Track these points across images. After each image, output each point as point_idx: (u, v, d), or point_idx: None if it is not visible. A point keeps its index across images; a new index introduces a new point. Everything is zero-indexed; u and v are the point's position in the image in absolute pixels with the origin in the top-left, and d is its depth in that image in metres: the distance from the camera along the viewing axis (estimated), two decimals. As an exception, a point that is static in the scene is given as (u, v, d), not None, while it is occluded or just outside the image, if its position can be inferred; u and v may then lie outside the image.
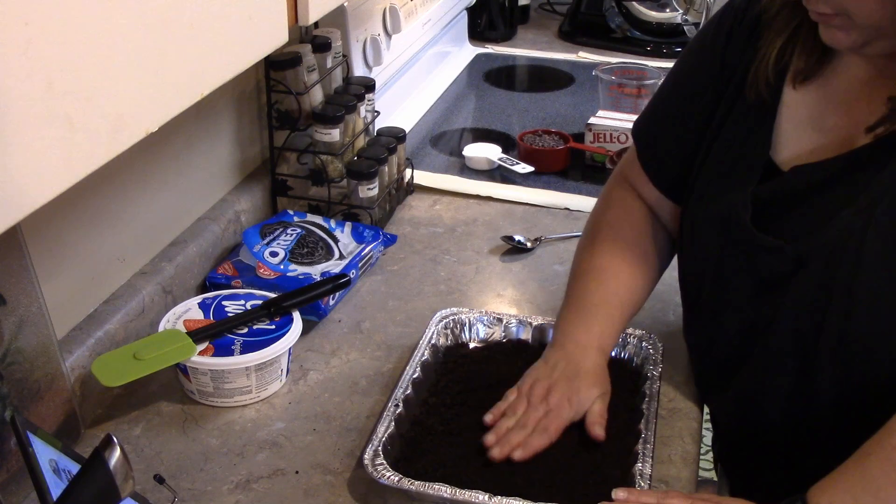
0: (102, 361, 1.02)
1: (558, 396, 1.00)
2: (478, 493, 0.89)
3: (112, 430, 1.03)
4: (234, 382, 1.05)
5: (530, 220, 1.48)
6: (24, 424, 0.75)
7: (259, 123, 1.44)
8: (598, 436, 0.98)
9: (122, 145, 0.67)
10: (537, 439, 0.97)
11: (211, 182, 1.33)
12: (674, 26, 2.18)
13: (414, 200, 1.54)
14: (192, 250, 1.23)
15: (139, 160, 1.14)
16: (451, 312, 1.17)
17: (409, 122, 1.78)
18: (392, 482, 0.90)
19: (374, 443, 0.95)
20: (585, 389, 1.00)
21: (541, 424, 0.98)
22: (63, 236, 1.02)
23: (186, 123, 1.23)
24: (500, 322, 1.16)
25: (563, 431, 0.99)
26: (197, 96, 0.76)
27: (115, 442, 0.67)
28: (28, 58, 0.56)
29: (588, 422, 0.99)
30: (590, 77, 1.92)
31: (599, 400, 1.01)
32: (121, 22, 0.65)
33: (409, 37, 1.79)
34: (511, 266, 1.36)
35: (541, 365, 1.04)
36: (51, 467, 0.76)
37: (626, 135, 1.60)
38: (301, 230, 1.31)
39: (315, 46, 1.40)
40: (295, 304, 1.13)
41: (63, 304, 1.03)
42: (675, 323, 1.19)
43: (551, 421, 0.98)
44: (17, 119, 0.56)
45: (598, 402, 1.00)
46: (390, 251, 1.38)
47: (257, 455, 0.99)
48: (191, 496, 0.94)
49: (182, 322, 1.09)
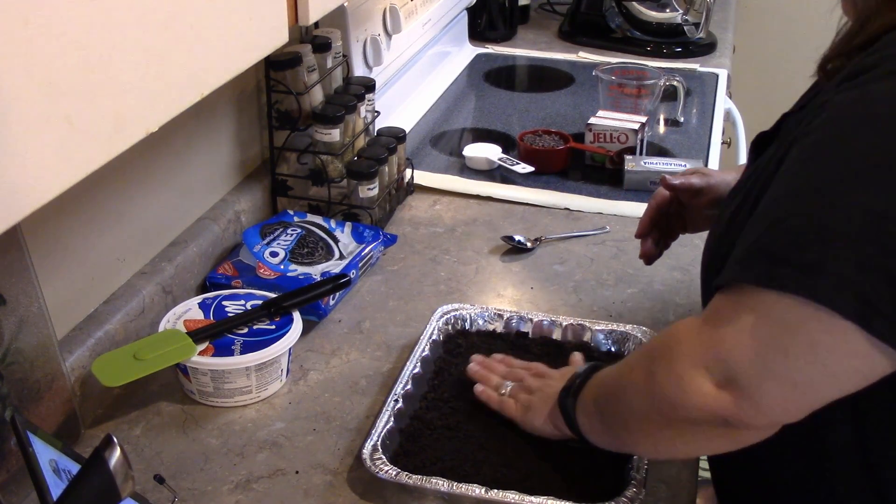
0: (102, 361, 1.02)
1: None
2: (474, 487, 0.89)
3: (112, 430, 1.03)
4: (234, 382, 1.05)
5: (530, 220, 1.48)
6: (24, 424, 0.75)
7: (259, 123, 1.44)
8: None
9: (123, 145, 0.67)
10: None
11: (211, 182, 1.33)
12: (674, 26, 2.18)
13: (414, 200, 1.54)
14: (192, 250, 1.23)
15: (139, 160, 1.14)
16: (453, 308, 1.17)
17: (409, 122, 1.78)
18: (390, 476, 0.91)
19: (373, 438, 0.95)
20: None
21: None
22: (63, 236, 1.02)
23: (186, 123, 1.23)
24: (500, 318, 1.17)
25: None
26: (197, 96, 0.76)
27: (115, 442, 0.67)
28: (28, 58, 0.56)
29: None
30: (590, 77, 1.92)
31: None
32: (121, 22, 0.65)
33: (409, 37, 1.79)
34: (511, 266, 1.36)
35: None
36: (51, 467, 0.76)
37: (626, 135, 1.60)
38: (301, 230, 1.31)
39: (315, 46, 1.40)
40: (295, 304, 1.13)
41: (63, 304, 1.03)
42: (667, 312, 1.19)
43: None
44: (17, 119, 0.56)
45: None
46: (390, 251, 1.38)
47: (257, 455, 0.99)
48: (191, 496, 0.94)
49: (182, 322, 1.09)
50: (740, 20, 2.56)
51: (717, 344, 0.72)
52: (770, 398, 0.71)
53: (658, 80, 1.77)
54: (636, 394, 0.81)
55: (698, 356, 0.74)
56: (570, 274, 1.33)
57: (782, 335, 0.69)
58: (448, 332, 1.16)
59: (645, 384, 0.79)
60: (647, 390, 0.79)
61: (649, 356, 0.81)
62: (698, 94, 1.97)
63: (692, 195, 1.14)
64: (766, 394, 0.71)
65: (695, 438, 0.78)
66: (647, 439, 0.84)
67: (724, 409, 0.72)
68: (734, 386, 0.72)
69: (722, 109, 1.90)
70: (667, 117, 1.85)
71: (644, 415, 0.81)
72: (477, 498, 0.89)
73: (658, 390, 0.77)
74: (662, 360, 0.78)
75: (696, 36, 2.17)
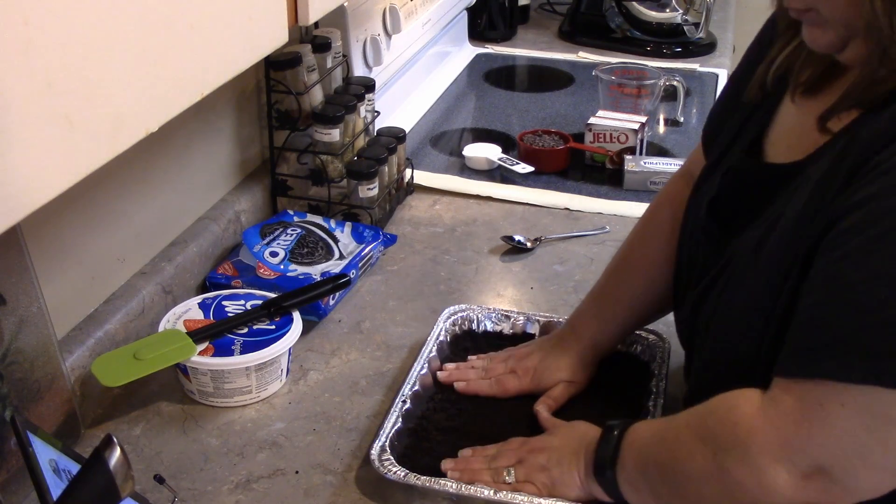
0: (102, 361, 1.02)
1: (527, 365, 1.06)
2: (482, 488, 0.89)
3: (112, 430, 1.03)
4: (234, 382, 1.05)
5: (530, 220, 1.48)
6: (24, 424, 0.75)
7: (259, 123, 1.44)
8: (536, 411, 1.01)
9: (122, 145, 0.67)
10: (484, 384, 1.06)
11: (211, 182, 1.33)
12: (674, 26, 2.18)
13: (414, 200, 1.54)
14: (192, 250, 1.23)
15: (139, 160, 1.14)
16: (460, 309, 1.17)
17: (409, 122, 1.78)
18: (398, 477, 0.91)
19: (381, 438, 0.95)
20: (553, 371, 1.05)
21: (497, 377, 1.06)
22: (63, 236, 1.02)
23: (186, 123, 1.23)
24: (507, 319, 1.17)
25: (512, 393, 1.05)
26: (197, 96, 0.76)
27: (115, 442, 0.67)
28: (28, 58, 0.56)
29: (539, 399, 1.03)
30: (590, 77, 1.92)
31: (563, 385, 1.05)
32: (121, 22, 0.65)
33: (409, 37, 1.79)
34: (511, 266, 1.36)
35: (541, 338, 1.12)
36: (51, 467, 0.76)
37: (627, 135, 1.60)
38: (301, 230, 1.31)
39: (315, 46, 1.40)
40: (295, 304, 1.13)
41: (63, 304, 1.03)
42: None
43: (508, 380, 1.06)
44: (17, 119, 0.56)
45: (561, 387, 1.05)
46: (390, 251, 1.38)
47: (257, 455, 0.99)
48: (191, 496, 0.94)
49: (182, 322, 1.09)
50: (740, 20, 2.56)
51: (803, 438, 0.70)
52: (865, 484, 0.70)
53: (658, 80, 1.77)
54: (705, 483, 0.77)
55: (779, 450, 0.71)
56: (570, 274, 1.33)
57: (881, 427, 0.67)
58: (455, 333, 1.16)
59: (716, 476, 0.76)
60: (720, 483, 0.75)
61: (713, 443, 0.76)
62: (698, 94, 1.97)
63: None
64: (862, 481, 0.70)
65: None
66: None
67: (813, 498, 0.71)
68: (824, 477, 0.70)
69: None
70: (667, 117, 1.85)
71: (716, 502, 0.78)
72: (486, 499, 0.89)
73: (735, 485, 0.74)
74: (734, 452, 0.74)
75: (696, 36, 2.17)
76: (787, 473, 0.71)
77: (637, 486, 0.85)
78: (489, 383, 1.06)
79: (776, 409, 0.72)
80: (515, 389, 1.05)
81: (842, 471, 0.69)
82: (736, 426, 0.75)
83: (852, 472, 0.69)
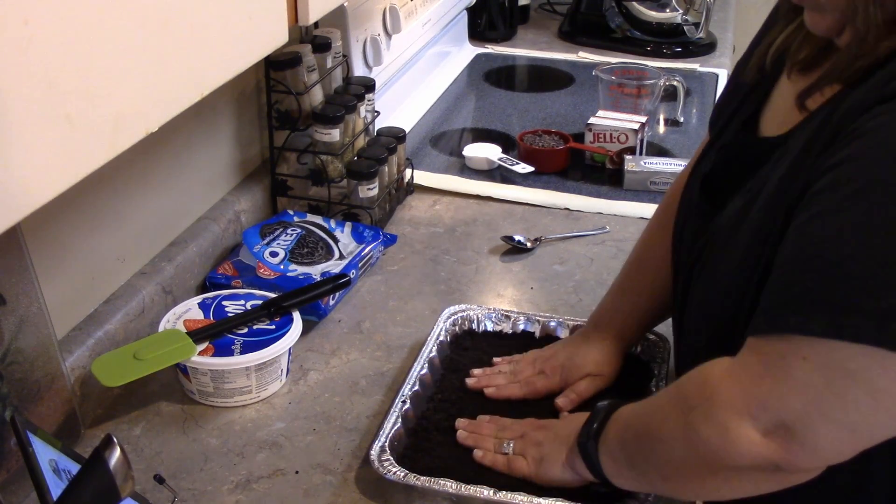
0: (102, 361, 1.02)
1: (554, 364, 1.07)
2: (483, 489, 0.89)
3: (112, 430, 1.02)
4: (234, 382, 1.05)
5: (530, 220, 1.48)
6: (24, 424, 0.75)
7: (259, 123, 1.44)
8: (557, 405, 1.03)
9: (122, 145, 0.67)
10: (514, 388, 1.05)
11: (211, 182, 1.33)
12: (674, 26, 2.18)
13: (414, 200, 1.54)
14: (192, 250, 1.23)
15: (139, 160, 1.14)
16: (460, 309, 1.17)
17: (409, 122, 1.78)
18: (398, 478, 0.91)
19: (381, 439, 0.95)
20: (580, 366, 1.06)
21: (527, 379, 1.06)
22: (63, 236, 1.02)
23: (186, 123, 1.23)
24: (508, 319, 1.17)
25: (542, 394, 1.05)
26: (197, 96, 0.76)
27: (115, 442, 0.67)
28: (28, 58, 0.56)
29: (562, 393, 1.04)
30: (590, 77, 1.92)
31: (588, 380, 1.05)
32: (121, 22, 0.65)
33: (409, 37, 1.79)
34: (511, 266, 1.36)
35: (566, 337, 1.13)
36: (51, 467, 0.76)
37: (627, 135, 1.60)
38: (301, 230, 1.31)
39: (315, 46, 1.40)
40: (295, 304, 1.13)
41: (63, 304, 1.03)
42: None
43: (537, 380, 1.06)
44: (17, 119, 0.56)
45: (586, 381, 1.05)
46: (390, 251, 1.38)
47: (257, 455, 0.99)
48: (191, 496, 0.94)
49: (182, 322, 1.09)
50: (740, 20, 2.56)
51: (764, 392, 0.70)
52: (825, 442, 0.70)
53: (658, 80, 1.77)
54: (674, 444, 0.78)
55: (742, 405, 0.72)
56: (570, 274, 1.33)
57: (841, 382, 0.67)
58: (455, 332, 1.16)
59: (683, 434, 0.77)
60: (686, 440, 0.76)
61: (685, 404, 0.77)
62: (698, 94, 1.97)
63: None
64: (822, 438, 0.69)
65: (741, 484, 0.76)
66: (688, 486, 0.81)
67: (775, 455, 0.71)
68: (785, 432, 0.70)
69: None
70: (667, 117, 1.85)
71: (684, 464, 0.79)
72: (485, 500, 0.89)
73: (700, 441, 0.75)
74: (700, 409, 0.75)
75: (696, 36, 2.18)
76: (751, 429, 0.71)
77: (615, 456, 0.86)
78: (519, 386, 1.06)
79: (742, 367, 0.73)
80: (546, 389, 1.05)
81: (802, 426, 0.69)
82: (704, 385, 0.76)
83: (812, 427, 0.69)
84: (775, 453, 0.71)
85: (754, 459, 0.72)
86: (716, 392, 0.74)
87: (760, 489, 0.76)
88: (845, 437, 0.69)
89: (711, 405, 0.74)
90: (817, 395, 0.68)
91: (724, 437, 0.73)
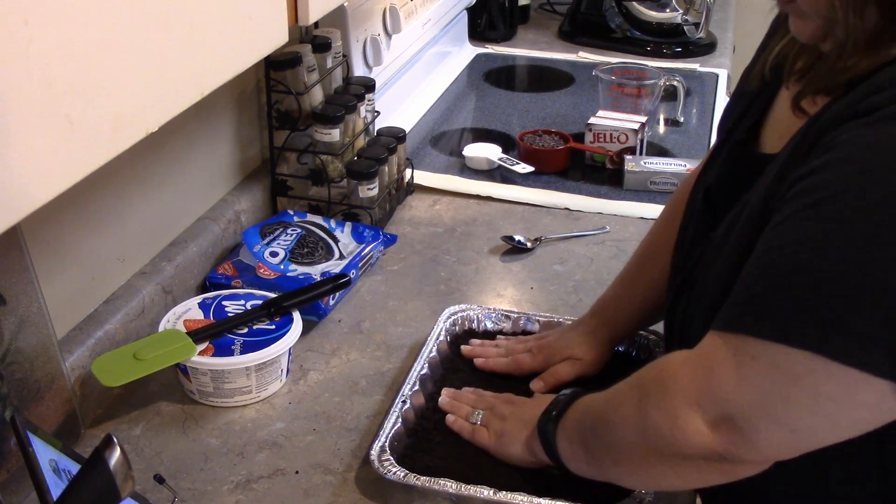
0: (102, 361, 1.02)
1: (541, 344, 1.10)
2: (483, 489, 0.89)
3: (112, 430, 1.03)
4: (234, 382, 1.05)
5: (530, 220, 1.48)
6: (24, 424, 0.75)
7: (259, 123, 1.44)
8: (531, 387, 1.06)
9: (122, 145, 0.67)
10: (501, 362, 1.10)
11: (211, 182, 1.33)
12: (674, 26, 2.18)
13: (414, 200, 1.54)
14: (192, 250, 1.23)
15: (139, 160, 1.14)
16: (460, 309, 1.17)
17: (409, 122, 1.78)
18: (398, 478, 0.91)
19: (381, 439, 0.95)
20: (562, 348, 1.08)
21: (515, 357, 1.10)
22: (63, 236, 1.02)
23: (186, 123, 1.23)
24: (507, 319, 1.17)
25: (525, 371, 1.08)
26: (197, 96, 0.76)
27: (115, 442, 0.67)
28: (28, 58, 0.56)
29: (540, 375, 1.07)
30: (590, 77, 1.92)
31: (568, 363, 1.08)
32: (121, 22, 0.65)
33: (409, 37, 1.79)
34: (511, 266, 1.36)
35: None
36: (51, 467, 0.76)
37: (627, 135, 1.60)
38: (301, 230, 1.31)
39: (315, 46, 1.40)
40: (295, 304, 1.13)
41: (63, 304, 1.03)
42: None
43: (523, 358, 1.09)
44: (17, 119, 0.56)
45: (565, 365, 1.08)
46: (390, 251, 1.38)
47: (257, 455, 0.99)
48: (191, 496, 0.94)
49: (182, 322, 1.09)
50: (740, 20, 2.56)
51: (714, 385, 0.72)
52: (767, 439, 0.71)
53: (658, 80, 1.77)
54: (626, 428, 0.80)
55: (692, 394, 0.74)
56: (570, 274, 1.33)
57: (785, 383, 0.69)
58: (455, 333, 1.16)
59: (635, 419, 0.79)
60: (637, 425, 0.78)
61: (640, 390, 0.80)
62: (698, 94, 1.97)
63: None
64: (763, 434, 0.71)
65: (687, 472, 0.78)
66: (636, 472, 0.83)
67: (720, 446, 0.73)
68: (730, 425, 0.72)
69: (722, 109, 1.90)
70: (667, 117, 1.85)
71: (634, 449, 0.80)
72: (485, 500, 0.89)
73: (650, 426, 0.77)
74: (654, 396, 0.77)
75: (696, 36, 2.18)
76: (698, 419, 0.73)
77: (571, 440, 0.88)
78: (506, 361, 1.10)
79: (697, 359, 0.75)
80: (529, 368, 1.08)
81: (746, 422, 0.71)
82: (660, 373, 0.78)
83: (755, 424, 0.71)
84: (720, 445, 0.73)
85: (700, 448, 0.74)
86: (670, 380, 0.76)
87: (707, 479, 0.78)
88: (787, 436, 0.71)
89: (664, 392, 0.76)
90: (763, 394, 0.70)
91: (673, 424, 0.75)
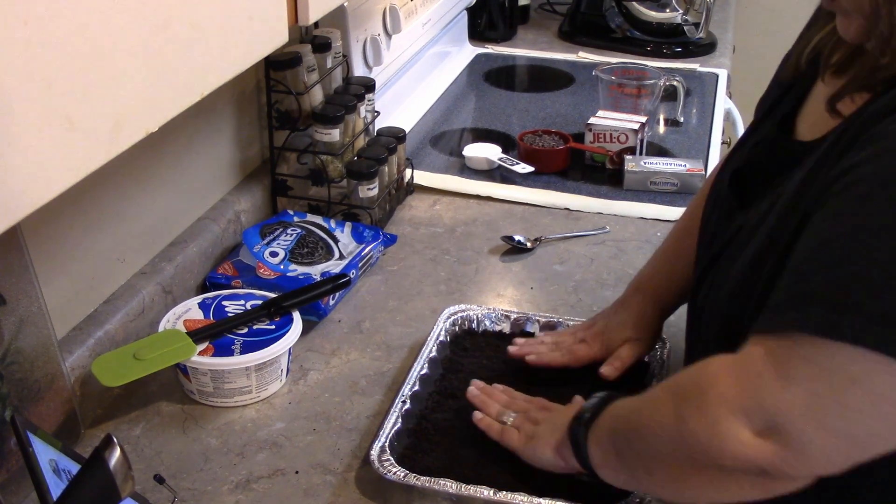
0: (102, 361, 1.02)
1: (594, 332, 1.08)
2: (483, 489, 0.89)
3: (112, 430, 1.03)
4: (234, 382, 1.05)
5: (530, 220, 1.48)
6: (24, 424, 0.75)
7: (259, 123, 1.44)
8: (603, 373, 1.04)
9: (122, 145, 0.67)
10: (556, 355, 1.07)
11: (211, 182, 1.33)
12: (674, 26, 2.18)
13: (414, 200, 1.54)
14: (192, 250, 1.23)
15: (139, 160, 1.14)
16: (460, 309, 1.17)
17: (409, 122, 1.78)
18: (398, 478, 0.91)
19: (381, 439, 0.95)
20: (619, 331, 1.06)
21: (569, 348, 1.07)
22: (63, 236, 1.02)
23: (186, 123, 1.23)
24: (507, 319, 1.17)
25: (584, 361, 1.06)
26: (197, 96, 0.76)
27: (115, 442, 0.67)
28: (28, 58, 0.56)
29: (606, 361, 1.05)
30: (590, 77, 1.92)
31: (629, 345, 1.05)
32: (121, 22, 0.65)
33: (409, 37, 1.79)
34: (511, 266, 1.36)
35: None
36: (51, 467, 0.76)
37: (627, 135, 1.60)
38: (301, 230, 1.31)
39: (315, 46, 1.40)
40: (295, 304, 1.13)
41: (63, 304, 1.03)
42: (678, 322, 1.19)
43: (579, 348, 1.07)
44: (17, 119, 0.56)
45: (627, 347, 1.05)
46: (390, 251, 1.38)
47: (257, 455, 0.99)
48: (191, 496, 0.94)
49: (182, 322, 1.09)
50: (740, 20, 2.56)
51: (760, 390, 0.68)
52: (819, 450, 0.67)
53: (658, 80, 1.77)
54: (662, 435, 0.76)
55: (737, 401, 0.69)
56: (570, 274, 1.33)
57: (841, 387, 0.65)
58: (455, 332, 1.16)
59: (674, 426, 0.74)
60: (675, 433, 0.74)
61: (678, 395, 0.75)
62: (698, 94, 1.97)
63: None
64: (816, 446, 0.67)
65: (726, 486, 0.73)
66: (672, 484, 0.78)
67: (764, 459, 0.68)
68: (778, 436, 0.67)
69: (722, 109, 1.90)
70: (667, 117, 1.85)
71: (670, 459, 0.76)
72: (485, 500, 0.89)
73: (689, 435, 0.72)
74: (694, 403, 0.72)
75: (696, 36, 2.17)
76: (742, 427, 0.68)
77: (603, 446, 0.84)
78: (561, 354, 1.07)
79: (742, 363, 0.70)
80: (587, 357, 1.07)
81: (796, 430, 0.67)
82: (701, 377, 0.74)
83: (806, 432, 0.66)
84: (764, 456, 0.68)
85: (741, 460, 0.69)
86: (712, 385, 0.71)
87: (744, 495, 0.73)
88: (841, 445, 0.67)
89: (705, 398, 0.71)
90: (815, 399, 0.66)
91: (712, 432, 0.70)
